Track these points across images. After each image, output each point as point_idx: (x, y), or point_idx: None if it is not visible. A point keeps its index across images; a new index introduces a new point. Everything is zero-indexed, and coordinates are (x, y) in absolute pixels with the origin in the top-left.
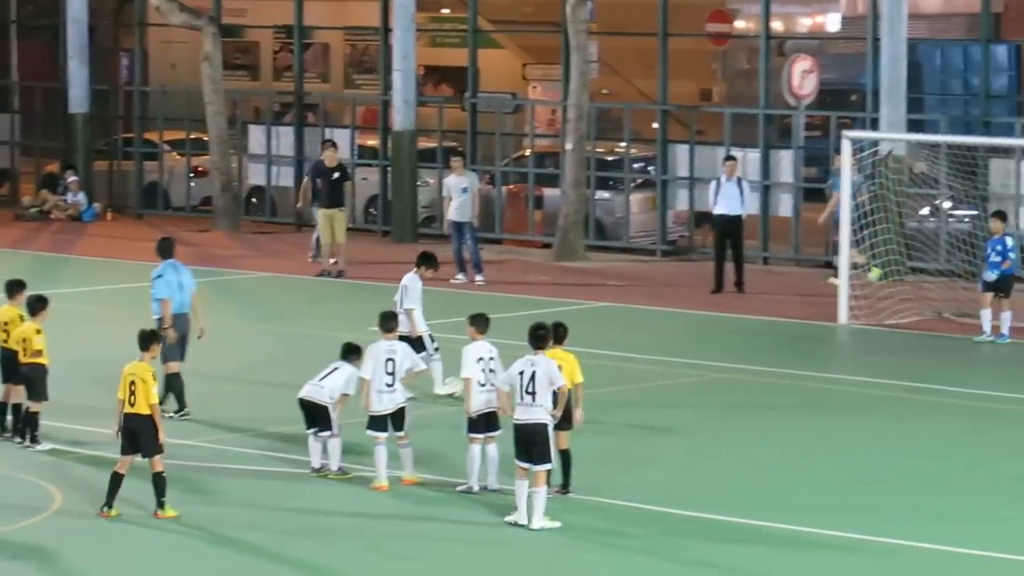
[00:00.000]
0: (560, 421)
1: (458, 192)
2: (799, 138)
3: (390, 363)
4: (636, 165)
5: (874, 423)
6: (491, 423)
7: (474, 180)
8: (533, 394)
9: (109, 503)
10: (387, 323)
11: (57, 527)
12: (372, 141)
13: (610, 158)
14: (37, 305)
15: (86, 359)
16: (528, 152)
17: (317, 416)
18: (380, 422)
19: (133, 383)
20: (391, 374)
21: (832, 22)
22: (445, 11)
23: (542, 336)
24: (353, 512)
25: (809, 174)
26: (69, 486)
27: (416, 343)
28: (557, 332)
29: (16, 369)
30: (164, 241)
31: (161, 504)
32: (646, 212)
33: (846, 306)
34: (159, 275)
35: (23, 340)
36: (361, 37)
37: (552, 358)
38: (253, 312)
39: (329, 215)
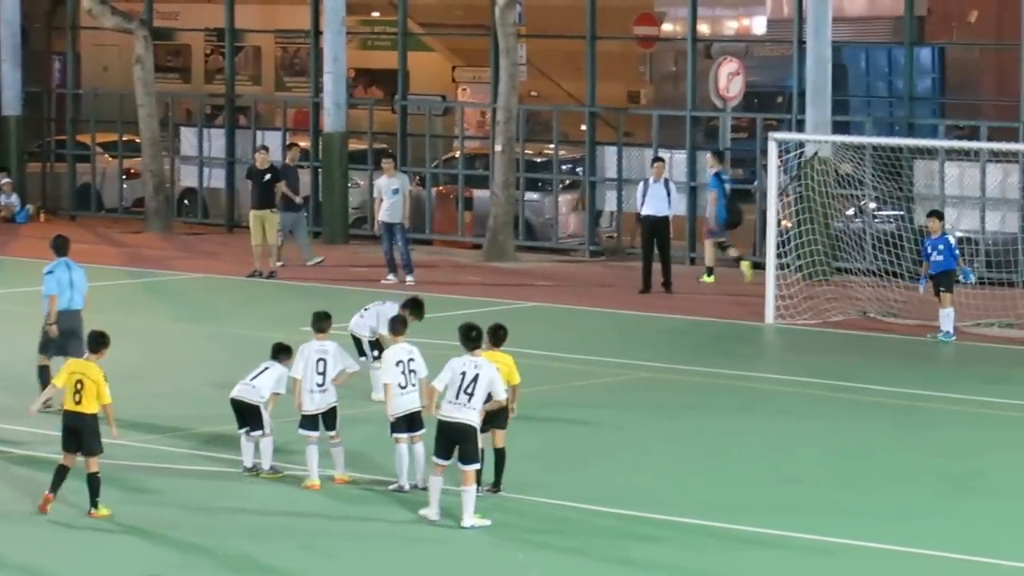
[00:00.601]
0: (497, 420)
1: (389, 193)
2: (726, 140)
3: (321, 363)
4: (565, 167)
5: (801, 421)
6: (413, 423)
7: (405, 181)
8: (471, 395)
9: (53, 490)
10: (319, 323)
11: None
12: (303, 143)
13: (539, 160)
14: None
15: (12, 360)
16: (458, 154)
17: (249, 416)
18: (311, 421)
19: (80, 382)
20: (322, 374)
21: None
22: (375, 14)
23: (475, 337)
24: (285, 511)
25: (736, 175)
26: (2, 484)
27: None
28: (497, 334)
29: None
30: (58, 239)
31: (95, 504)
32: (574, 213)
33: (772, 306)
34: (49, 271)
35: None
36: (292, 40)
37: (490, 359)
38: (185, 313)
39: (260, 216)
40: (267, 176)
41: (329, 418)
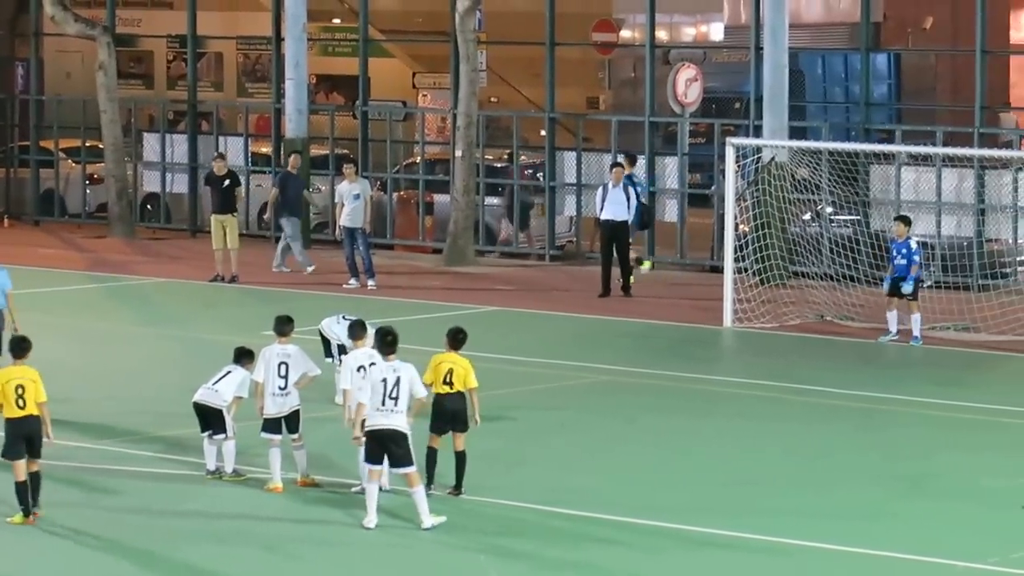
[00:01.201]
0: (457, 423)
1: (350, 198)
2: (684, 145)
3: (283, 367)
4: (525, 172)
5: (759, 424)
6: None
7: (366, 187)
8: (396, 399)
9: (26, 510)
10: (281, 327)
11: None
12: (265, 149)
13: (499, 165)
14: None
15: None
16: (418, 159)
17: (211, 419)
18: (274, 424)
19: (22, 387)
20: (284, 377)
21: (716, 31)
22: (336, 21)
23: (391, 342)
24: (248, 514)
25: (694, 180)
26: None
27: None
28: (456, 337)
29: None
30: None
31: (37, 504)
32: (534, 218)
33: (730, 310)
34: None
35: None
36: (253, 47)
37: (450, 363)
38: (147, 317)
39: (222, 221)
40: (226, 182)
41: (292, 421)
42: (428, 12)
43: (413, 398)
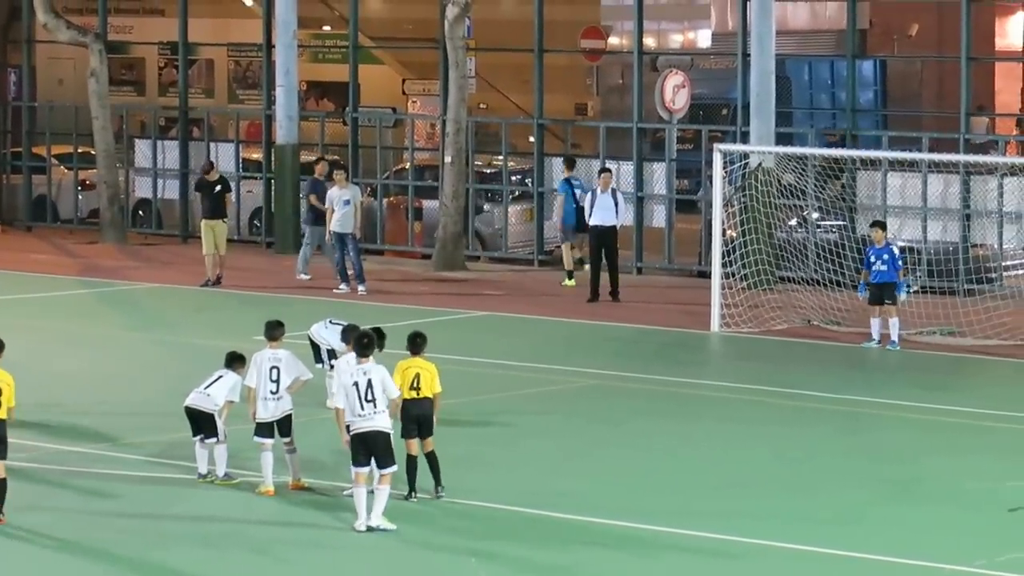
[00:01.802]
0: (424, 429)
1: (340, 204)
2: (672, 151)
3: (274, 371)
4: (514, 178)
5: (745, 427)
6: None
7: (356, 192)
8: (373, 402)
9: None
10: (272, 331)
11: None
12: (256, 155)
13: (488, 171)
14: None
15: None
16: (408, 165)
17: (203, 423)
18: (266, 429)
19: None
20: (276, 382)
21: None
22: (326, 28)
23: (367, 344)
24: (239, 517)
25: (682, 186)
26: None
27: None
28: (415, 342)
29: None
30: None
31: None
32: (523, 224)
33: (718, 314)
34: None
35: None
36: (244, 53)
37: (417, 368)
38: (139, 322)
39: (212, 226)
40: (217, 187)
41: (284, 425)
42: (418, 19)
43: (388, 398)
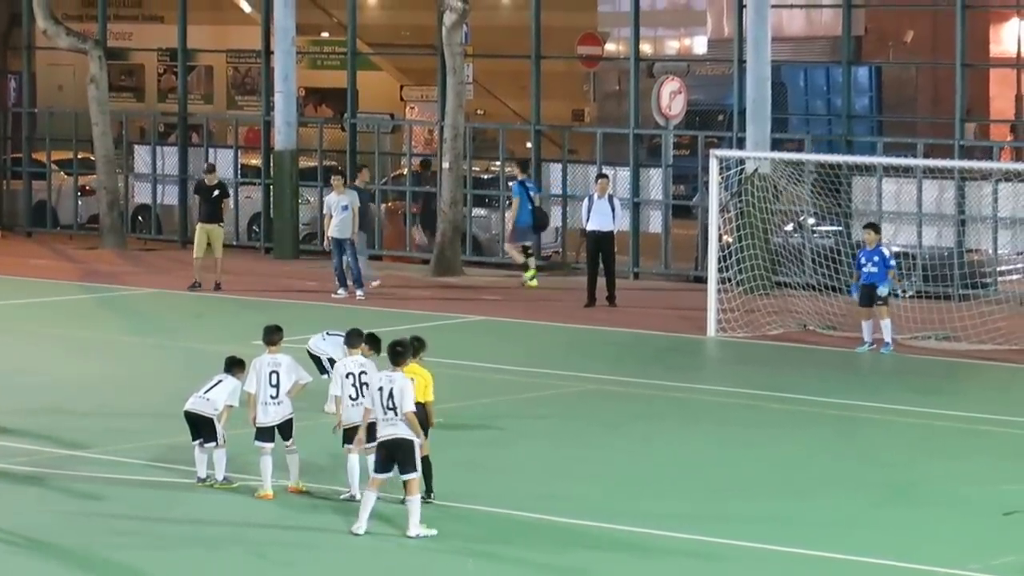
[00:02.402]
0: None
1: (338, 210)
2: (668, 157)
3: (274, 375)
4: (511, 183)
5: (741, 431)
6: (366, 435)
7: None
8: (394, 409)
9: None
10: (271, 336)
11: None
12: (254, 160)
13: (485, 176)
14: None
15: None
16: (406, 171)
17: (202, 427)
18: (267, 433)
19: None
20: (275, 386)
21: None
22: (325, 34)
23: (400, 352)
24: (238, 521)
25: (678, 191)
26: None
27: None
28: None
29: None
30: None
31: None
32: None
33: (714, 319)
34: None
35: None
36: (243, 60)
37: (412, 374)
38: (138, 327)
39: (207, 230)
40: (215, 192)
41: (285, 428)
42: (415, 26)
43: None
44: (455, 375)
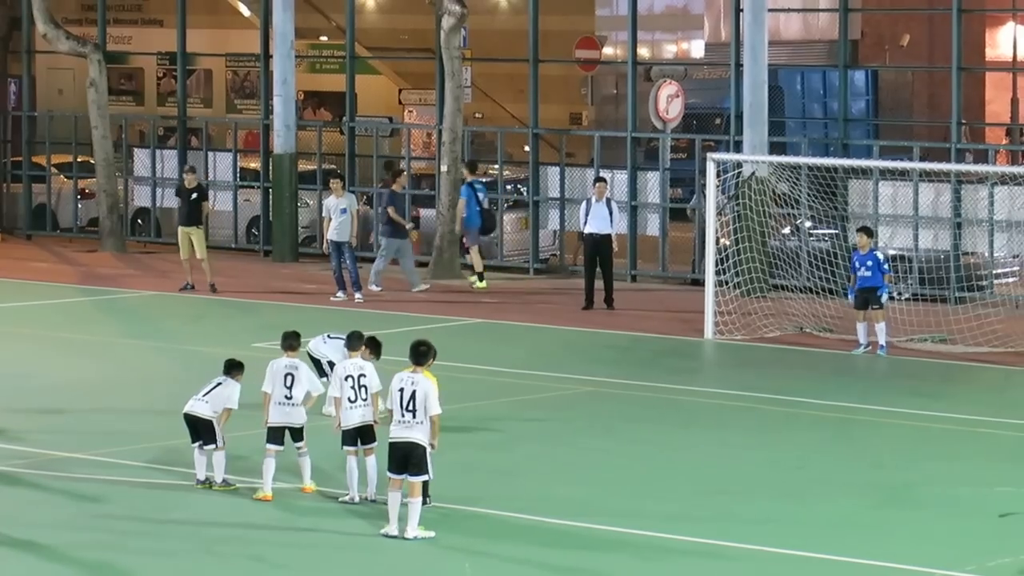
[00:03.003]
0: None
1: (337, 213)
2: (665, 160)
3: (289, 378)
4: (509, 186)
5: (738, 433)
6: (364, 437)
7: (353, 201)
8: (413, 412)
9: None
10: (287, 341)
11: None
12: (253, 164)
13: (484, 180)
14: None
15: None
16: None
17: (202, 430)
18: (277, 435)
19: None
20: (290, 388)
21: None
22: (323, 38)
23: (423, 352)
24: (237, 523)
25: (675, 195)
26: None
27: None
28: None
29: None
30: None
31: None
32: (518, 232)
33: (711, 322)
34: None
35: None
36: (242, 64)
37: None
38: (138, 329)
39: (187, 232)
40: (194, 195)
41: (297, 431)
42: (414, 30)
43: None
44: (453, 377)
